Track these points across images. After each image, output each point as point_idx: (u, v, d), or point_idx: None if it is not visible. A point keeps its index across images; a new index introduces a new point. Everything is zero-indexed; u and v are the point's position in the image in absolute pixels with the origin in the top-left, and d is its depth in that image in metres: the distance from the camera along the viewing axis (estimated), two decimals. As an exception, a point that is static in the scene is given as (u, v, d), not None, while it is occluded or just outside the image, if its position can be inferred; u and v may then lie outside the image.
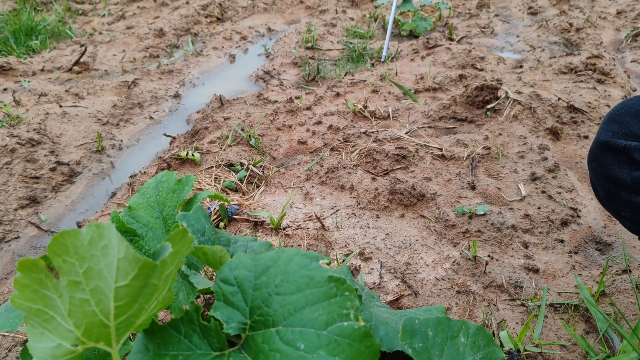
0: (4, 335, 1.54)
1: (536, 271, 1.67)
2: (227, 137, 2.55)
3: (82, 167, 2.59)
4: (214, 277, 1.59)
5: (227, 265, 0.80)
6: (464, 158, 2.31)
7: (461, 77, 3.19)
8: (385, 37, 3.40)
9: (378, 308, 1.12)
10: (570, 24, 4.25)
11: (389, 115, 2.79)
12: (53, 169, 2.48)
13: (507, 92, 2.76)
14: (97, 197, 2.41)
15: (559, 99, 2.69)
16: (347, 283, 0.75)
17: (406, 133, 2.55)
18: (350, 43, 4.20)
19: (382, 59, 3.31)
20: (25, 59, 3.87)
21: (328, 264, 0.81)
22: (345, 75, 3.57)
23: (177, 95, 3.46)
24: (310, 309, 0.74)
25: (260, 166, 2.36)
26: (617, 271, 1.67)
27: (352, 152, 2.39)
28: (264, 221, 1.93)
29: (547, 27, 4.36)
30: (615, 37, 4.12)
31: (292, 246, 1.78)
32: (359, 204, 2.04)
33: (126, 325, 0.62)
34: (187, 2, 5.44)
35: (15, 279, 0.60)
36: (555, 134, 2.49)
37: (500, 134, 2.48)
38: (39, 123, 2.78)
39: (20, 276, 0.60)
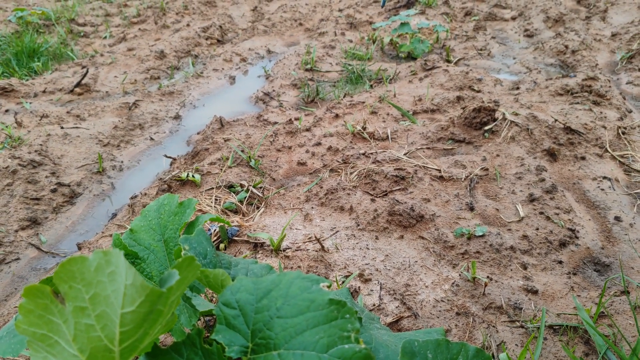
0: None
1: (535, 292, 1.68)
2: (227, 159, 2.57)
3: (82, 188, 2.60)
4: (214, 299, 1.59)
5: (229, 288, 0.81)
6: (462, 179, 2.33)
7: (459, 98, 3.23)
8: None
9: (378, 330, 1.12)
10: (566, 46, 4.31)
11: (387, 136, 2.81)
12: (54, 190, 2.49)
13: (504, 114, 2.79)
14: (97, 218, 2.42)
15: (556, 120, 2.72)
16: (348, 306, 0.76)
17: (405, 154, 2.57)
18: (349, 65, 4.26)
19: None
20: (27, 80, 3.90)
21: (329, 287, 0.82)
22: (344, 96, 3.61)
23: (177, 117, 3.49)
24: (312, 332, 0.75)
25: (260, 187, 2.37)
26: (615, 292, 1.67)
27: (351, 174, 2.41)
28: (264, 242, 1.94)
29: (543, 49, 4.42)
30: (611, 59, 4.17)
31: (292, 268, 1.79)
32: (359, 225, 2.05)
33: (130, 349, 0.63)
34: (188, 25, 5.51)
35: (20, 304, 0.61)
36: (552, 155, 2.51)
37: (498, 155, 2.51)
38: (40, 144, 2.80)
39: (26, 302, 0.61)
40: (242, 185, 2.33)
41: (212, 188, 2.31)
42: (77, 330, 0.61)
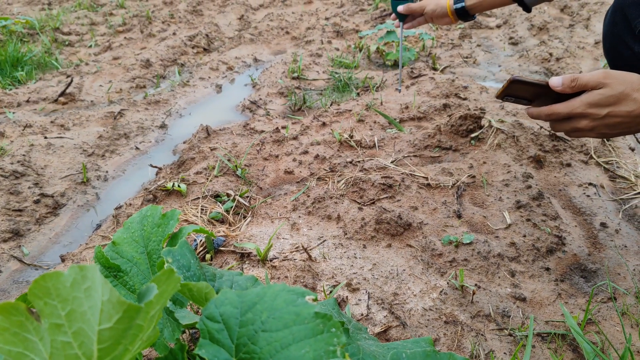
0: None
1: (523, 300, 1.67)
2: (213, 168, 2.55)
3: (66, 199, 2.56)
4: (199, 311, 1.57)
5: (213, 301, 0.80)
6: (450, 187, 2.33)
7: (445, 106, 3.24)
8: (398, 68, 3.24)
9: (366, 341, 1.11)
10: (550, 54, 4.35)
11: (374, 144, 2.81)
12: (37, 201, 2.45)
13: (490, 121, 2.80)
14: (81, 229, 2.39)
15: (541, 127, 2.74)
16: (334, 319, 0.74)
17: (392, 162, 2.57)
18: (336, 73, 4.26)
19: (399, 89, 3.07)
20: (11, 90, 3.86)
21: (314, 300, 0.81)
22: (331, 104, 3.60)
23: (163, 126, 3.46)
24: (297, 346, 0.73)
25: (247, 197, 2.35)
26: (602, 299, 1.68)
27: (338, 182, 2.40)
28: (250, 253, 1.92)
29: (528, 57, 4.46)
30: (594, 66, 4.22)
31: (279, 278, 1.77)
32: (346, 234, 2.04)
33: (109, 367, 0.61)
34: (174, 33, 5.49)
35: (-5, 321, 0.59)
36: (538, 162, 2.53)
37: (484, 163, 2.51)
38: (24, 155, 2.76)
39: (0, 319, 0.59)
40: (228, 195, 2.31)
41: (198, 198, 2.29)
42: (54, 347, 0.59)
